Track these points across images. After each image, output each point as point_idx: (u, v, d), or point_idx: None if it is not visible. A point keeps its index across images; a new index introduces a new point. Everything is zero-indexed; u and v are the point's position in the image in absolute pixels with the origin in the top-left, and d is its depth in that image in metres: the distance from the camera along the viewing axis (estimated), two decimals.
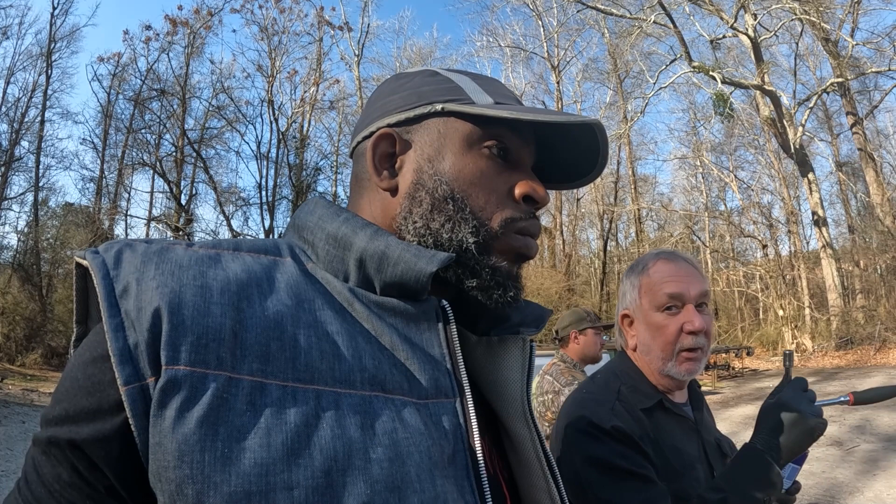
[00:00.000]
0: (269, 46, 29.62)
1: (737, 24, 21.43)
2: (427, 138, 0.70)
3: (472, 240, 0.66)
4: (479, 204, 0.68)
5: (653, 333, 1.38)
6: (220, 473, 0.47)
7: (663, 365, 1.36)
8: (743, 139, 29.62)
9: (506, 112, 0.66)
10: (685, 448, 1.34)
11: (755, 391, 14.16)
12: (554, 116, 0.65)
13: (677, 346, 1.34)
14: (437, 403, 0.59)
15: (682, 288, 1.36)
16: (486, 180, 0.69)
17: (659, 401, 1.37)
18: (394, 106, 0.71)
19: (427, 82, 0.72)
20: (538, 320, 0.76)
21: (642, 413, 1.33)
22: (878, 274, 22.70)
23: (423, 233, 0.67)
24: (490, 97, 0.71)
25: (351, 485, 0.49)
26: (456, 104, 0.68)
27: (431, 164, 0.69)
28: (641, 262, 1.47)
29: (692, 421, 1.42)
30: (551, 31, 31.83)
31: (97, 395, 0.51)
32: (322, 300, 0.60)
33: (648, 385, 1.40)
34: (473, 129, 0.69)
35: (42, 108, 25.11)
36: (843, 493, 5.88)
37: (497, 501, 0.62)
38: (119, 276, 0.53)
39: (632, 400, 1.35)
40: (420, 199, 0.68)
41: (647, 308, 1.39)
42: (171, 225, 27.39)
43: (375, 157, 0.70)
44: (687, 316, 1.34)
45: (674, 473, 1.27)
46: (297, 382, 0.52)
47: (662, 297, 1.36)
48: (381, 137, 0.70)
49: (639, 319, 1.42)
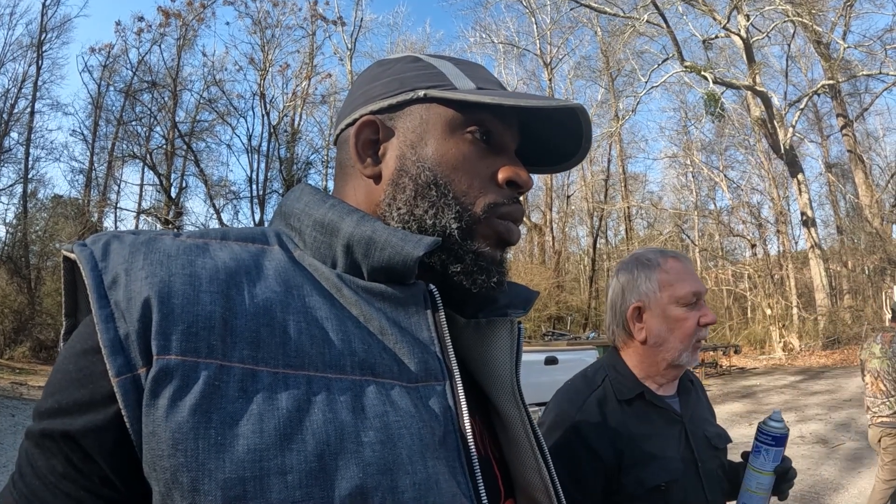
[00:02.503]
0: (261, 39, 29.38)
1: (729, 25, 21.45)
2: (410, 125, 0.70)
3: (455, 225, 0.67)
4: (462, 189, 0.69)
5: (671, 326, 1.47)
6: (214, 460, 0.47)
7: (678, 356, 1.47)
8: (733, 139, 29.68)
9: (488, 97, 0.66)
10: (661, 438, 1.43)
11: (742, 389, 14.24)
12: (535, 101, 0.66)
13: (694, 338, 1.47)
14: (427, 386, 0.60)
15: (700, 286, 1.49)
16: (469, 165, 0.70)
17: (640, 393, 1.47)
18: (376, 93, 0.72)
19: (409, 68, 0.73)
20: (526, 302, 0.77)
21: (621, 403, 1.45)
22: (865, 275, 22.83)
23: (407, 219, 0.67)
24: (472, 82, 0.71)
25: (344, 468, 0.50)
26: (438, 90, 0.69)
27: (414, 150, 0.69)
28: (647, 257, 1.54)
29: (676, 413, 1.50)
30: (544, 28, 31.80)
31: (89, 386, 0.51)
32: (310, 286, 0.60)
33: (633, 379, 1.49)
34: (456, 115, 0.69)
35: (32, 99, 24.76)
36: (828, 489, 5.93)
37: (488, 481, 0.63)
38: (107, 268, 0.53)
39: (613, 390, 1.47)
40: (403, 185, 0.68)
41: (667, 302, 1.48)
42: (160, 218, 27.16)
43: (359, 145, 0.71)
44: (703, 311, 1.48)
45: (642, 460, 1.37)
46: (288, 368, 0.53)
47: (687, 294, 1.47)
48: (364, 125, 0.71)
49: (654, 313, 1.49)
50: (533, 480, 0.70)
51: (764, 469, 1.42)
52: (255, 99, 29.21)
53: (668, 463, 1.40)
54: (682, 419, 1.49)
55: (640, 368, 1.51)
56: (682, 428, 1.48)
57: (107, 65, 27.39)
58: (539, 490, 0.70)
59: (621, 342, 1.56)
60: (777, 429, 1.43)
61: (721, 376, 17.52)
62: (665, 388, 1.52)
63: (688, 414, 1.52)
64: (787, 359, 20.64)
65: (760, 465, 1.42)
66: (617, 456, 1.36)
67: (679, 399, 1.54)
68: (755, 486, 1.42)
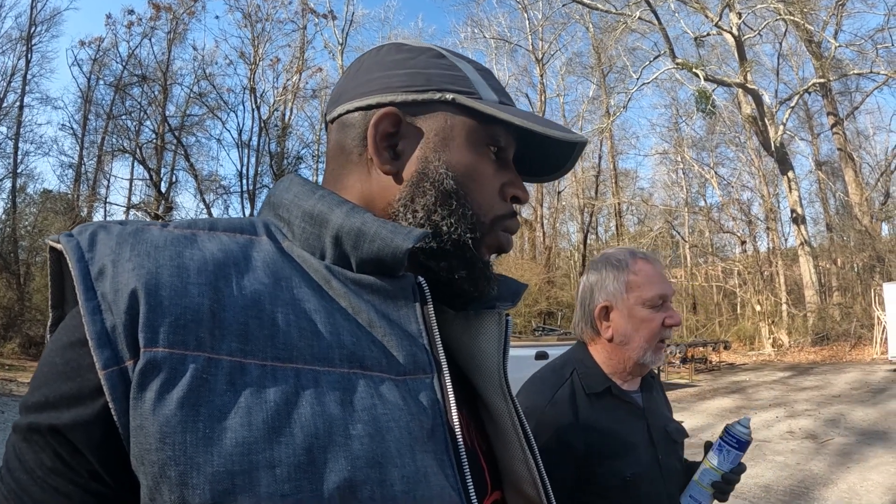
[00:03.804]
0: (252, 33, 29.29)
1: (721, 23, 21.53)
2: (434, 126, 0.69)
3: (470, 236, 0.68)
4: (478, 201, 0.70)
5: (637, 326, 1.53)
6: (202, 454, 0.46)
7: (642, 354, 1.53)
8: (724, 136, 29.82)
9: (517, 118, 0.66)
10: (628, 431, 1.50)
11: (731, 384, 14.33)
12: (555, 131, 0.67)
13: (658, 339, 1.53)
14: (415, 379, 0.60)
15: (667, 289, 1.56)
16: (485, 179, 0.71)
17: (608, 387, 1.53)
18: (398, 83, 0.69)
19: (434, 64, 0.71)
20: (514, 295, 0.77)
21: (590, 397, 1.50)
22: (854, 272, 23.04)
23: (423, 223, 0.67)
24: (494, 94, 0.71)
25: (332, 461, 0.50)
26: (466, 98, 0.68)
27: (437, 155, 0.68)
28: (617, 258, 1.60)
29: (639, 407, 1.57)
30: (536, 23, 31.88)
31: (76, 379, 0.50)
32: (299, 278, 0.60)
33: (601, 373, 1.56)
34: (479, 127, 0.70)
35: (21, 92, 24.60)
36: (818, 484, 5.97)
37: (475, 474, 0.63)
38: (94, 259, 0.53)
39: (582, 385, 1.52)
40: (424, 189, 0.68)
41: (634, 303, 1.54)
42: (150, 213, 27.04)
43: (377, 136, 0.68)
44: (668, 312, 1.55)
45: (612, 454, 1.43)
46: (277, 361, 0.52)
47: (654, 297, 1.53)
48: (384, 116, 0.68)
49: (621, 313, 1.55)
50: (520, 472, 0.71)
51: (720, 468, 1.47)
52: (245, 93, 29.20)
53: (636, 456, 1.46)
54: (645, 414, 1.56)
55: (607, 364, 1.57)
56: (646, 422, 1.55)
57: (97, 58, 27.27)
58: (526, 482, 0.70)
59: (589, 338, 1.62)
60: (744, 434, 1.48)
61: (710, 372, 17.64)
62: (629, 383, 1.59)
63: (650, 409, 1.59)
64: (776, 355, 20.81)
65: (718, 463, 1.47)
66: (587, 449, 1.41)
67: (642, 394, 1.61)
68: (706, 482, 1.48)
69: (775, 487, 5.96)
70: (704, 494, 1.48)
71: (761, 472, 6.57)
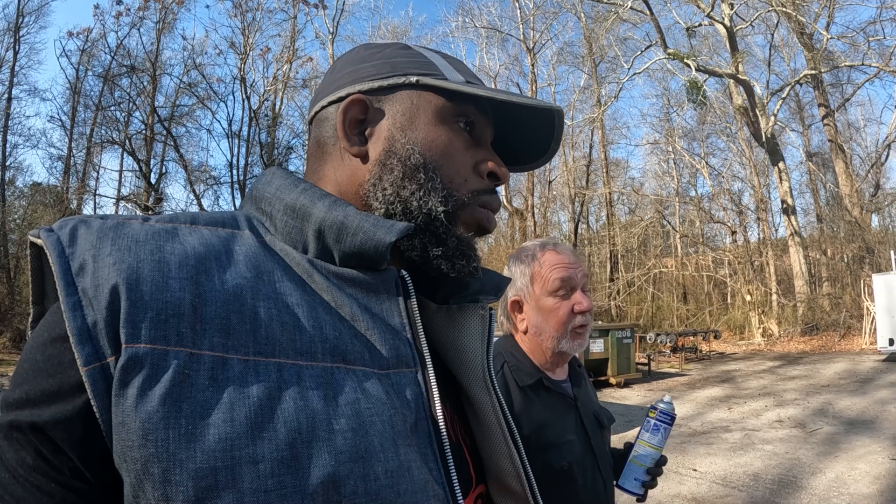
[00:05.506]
0: (242, 23, 29.11)
1: (713, 13, 21.57)
2: (400, 108, 0.70)
3: (442, 209, 0.67)
4: (449, 175, 0.69)
5: (545, 316, 1.55)
6: (185, 450, 0.46)
7: (557, 343, 1.55)
8: (715, 127, 29.99)
9: (480, 90, 0.67)
10: (560, 421, 1.52)
11: (721, 373, 14.44)
12: (522, 99, 0.69)
13: (570, 326, 1.54)
14: (399, 373, 0.59)
15: (571, 273, 1.55)
16: (456, 153, 0.71)
17: (539, 379, 1.55)
18: (365, 73, 0.71)
19: (399, 54, 0.73)
20: (497, 288, 0.77)
21: (523, 389, 1.51)
22: (844, 263, 23.20)
23: (392, 200, 0.67)
24: (461, 76, 0.72)
25: (316, 456, 0.49)
26: (430, 78, 0.69)
27: (404, 133, 0.69)
28: (526, 251, 1.63)
29: (570, 397, 1.59)
30: (527, 13, 31.84)
31: (57, 376, 0.49)
32: (281, 272, 0.59)
33: (531, 365, 1.57)
34: (446, 104, 0.70)
35: (9, 84, 24.40)
36: (806, 473, 6.03)
37: (459, 467, 0.63)
38: (75, 254, 0.52)
39: (514, 377, 1.53)
40: (391, 166, 0.68)
41: (539, 294, 1.57)
42: (140, 204, 26.91)
43: (346, 123, 0.70)
44: (576, 298, 1.55)
45: (547, 444, 1.45)
46: (259, 356, 0.52)
47: (554, 283, 1.54)
48: (352, 103, 0.70)
49: (530, 305, 1.59)
50: (504, 466, 0.71)
51: (659, 446, 1.54)
52: (235, 83, 29.05)
53: (570, 445, 1.48)
54: (575, 402, 1.59)
55: (533, 356, 1.59)
56: (577, 411, 1.58)
57: (85, 49, 27.05)
58: (510, 476, 0.71)
59: (511, 331, 1.66)
60: (672, 409, 1.57)
61: (701, 361, 17.75)
62: (556, 373, 1.61)
63: (579, 397, 1.62)
64: (766, 344, 20.98)
65: (658, 442, 1.54)
66: (524, 441, 1.40)
67: (570, 383, 1.64)
68: (649, 462, 1.53)
69: (764, 476, 6.02)
70: (639, 470, 1.53)
71: (750, 460, 6.63)
